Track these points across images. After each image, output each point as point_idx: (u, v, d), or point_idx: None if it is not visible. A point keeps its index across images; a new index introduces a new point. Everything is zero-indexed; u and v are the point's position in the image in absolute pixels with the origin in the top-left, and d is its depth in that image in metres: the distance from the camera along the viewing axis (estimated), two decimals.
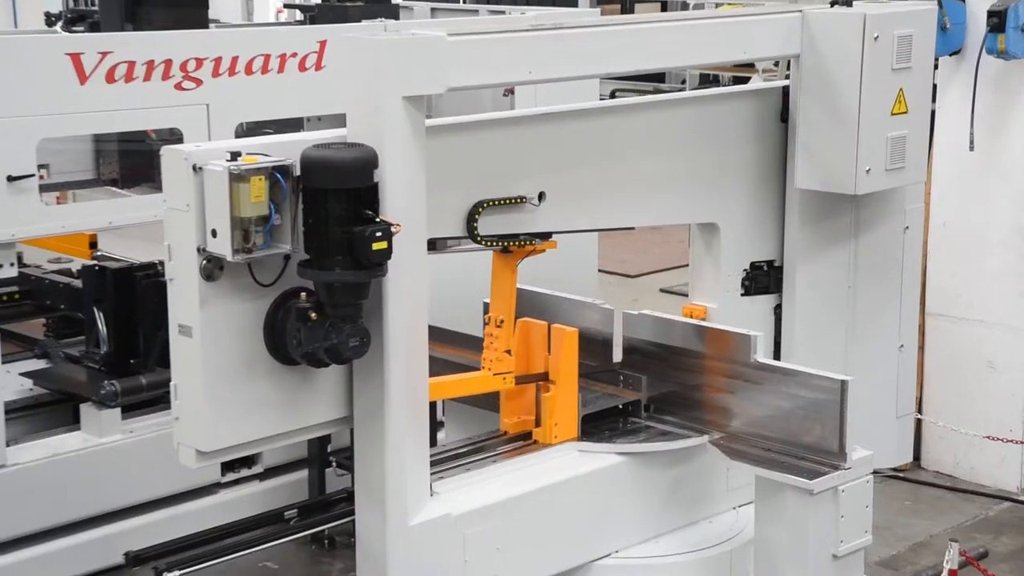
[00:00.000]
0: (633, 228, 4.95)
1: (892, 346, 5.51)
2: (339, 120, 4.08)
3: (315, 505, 4.66)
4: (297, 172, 3.81)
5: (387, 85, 3.90)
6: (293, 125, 6.78)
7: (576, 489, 4.44)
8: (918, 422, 7.12)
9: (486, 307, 4.78)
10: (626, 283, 11.27)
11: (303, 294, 3.88)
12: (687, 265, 5.36)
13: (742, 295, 5.24)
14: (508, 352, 4.53)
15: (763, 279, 5.28)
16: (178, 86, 5.84)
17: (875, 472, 4.49)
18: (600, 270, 6.91)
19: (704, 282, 5.21)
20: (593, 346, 4.88)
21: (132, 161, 7.96)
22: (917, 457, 7.30)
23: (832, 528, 4.34)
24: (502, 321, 4.51)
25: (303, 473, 6.23)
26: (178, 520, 5.75)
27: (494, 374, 4.53)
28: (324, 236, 3.78)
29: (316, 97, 6.22)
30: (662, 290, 10.99)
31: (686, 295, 5.42)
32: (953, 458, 7.29)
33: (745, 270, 5.25)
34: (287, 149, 3.84)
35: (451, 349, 5.03)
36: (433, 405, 4.93)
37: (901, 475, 7.17)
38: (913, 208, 5.51)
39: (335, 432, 4.57)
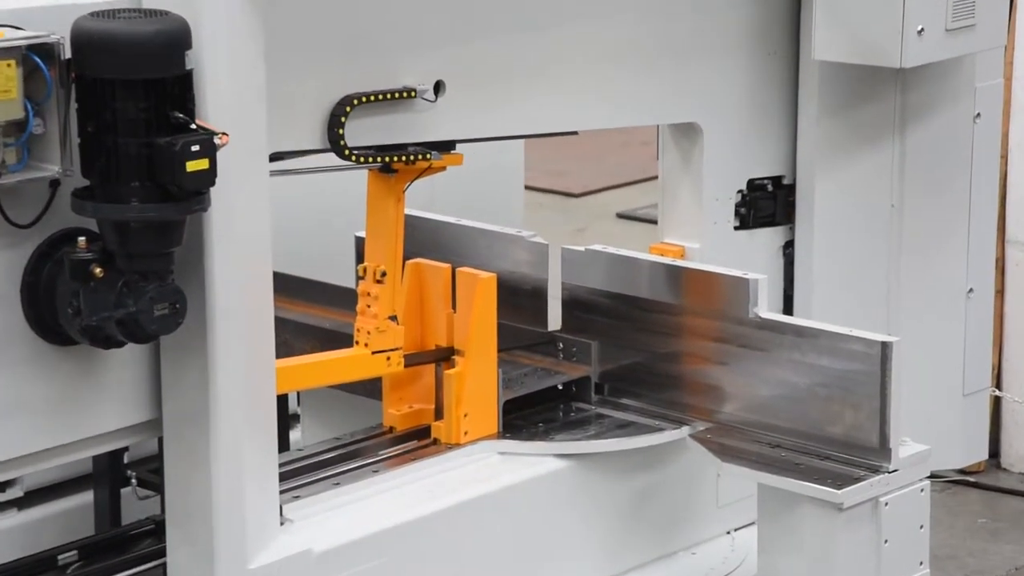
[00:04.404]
0: (576, 133, 5.02)
1: (957, 291, 5.66)
2: None
3: (105, 543, 4.70)
4: (68, 54, 3.81)
5: None
6: None
7: (496, 509, 4.53)
8: (996, 401, 7.31)
9: (359, 247, 4.83)
10: (567, 205, 11.39)
11: (81, 239, 3.89)
12: (655, 178, 5.44)
13: (737, 228, 5.35)
14: (393, 319, 4.59)
15: (767, 204, 5.39)
16: None
17: (934, 476, 4.64)
18: (528, 187, 6.98)
19: (681, 210, 5.29)
20: (520, 299, 4.97)
21: None
22: (995, 453, 7.49)
23: (871, 558, 4.47)
24: (384, 274, 4.56)
25: (87, 496, 6.24)
26: None
27: (373, 353, 4.58)
28: (112, 152, 3.78)
29: None
30: (620, 215, 11.13)
31: (654, 222, 5.49)
32: None
33: (741, 192, 5.35)
34: (50, 18, 3.82)
35: (308, 307, 5.08)
36: (284, 394, 5.00)
37: (972, 480, 7.36)
38: (987, 87, 5.64)
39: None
